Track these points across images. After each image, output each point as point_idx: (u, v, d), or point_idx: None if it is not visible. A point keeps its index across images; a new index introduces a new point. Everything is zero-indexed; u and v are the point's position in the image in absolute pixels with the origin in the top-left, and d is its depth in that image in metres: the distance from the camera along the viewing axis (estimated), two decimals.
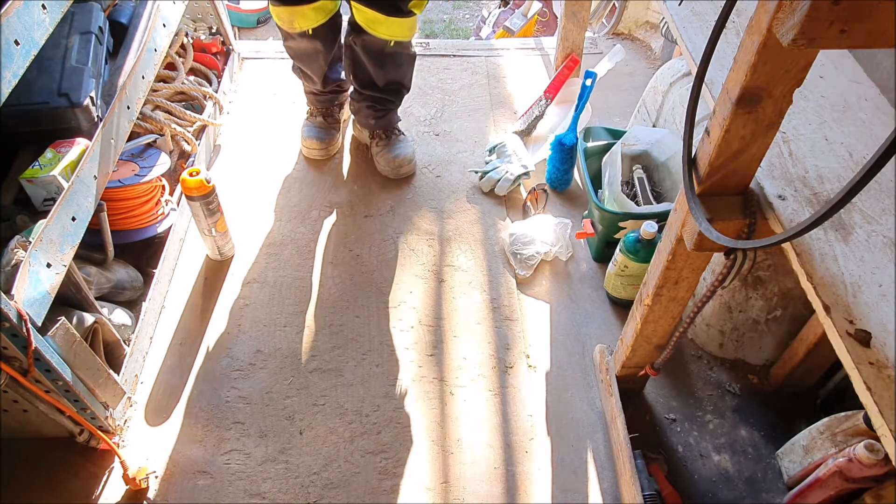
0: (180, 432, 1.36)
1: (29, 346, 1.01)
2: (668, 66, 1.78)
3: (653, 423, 1.39)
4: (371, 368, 1.47)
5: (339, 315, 1.58)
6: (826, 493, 1.10)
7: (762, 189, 0.87)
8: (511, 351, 1.51)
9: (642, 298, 1.17)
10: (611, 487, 1.30)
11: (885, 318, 0.71)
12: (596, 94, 1.89)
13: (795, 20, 0.59)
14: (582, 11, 2.01)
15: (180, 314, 1.57)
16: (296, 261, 1.70)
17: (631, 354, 1.28)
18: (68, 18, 1.40)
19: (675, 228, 0.98)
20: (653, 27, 2.57)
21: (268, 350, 1.50)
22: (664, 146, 1.68)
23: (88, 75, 1.32)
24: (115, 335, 1.33)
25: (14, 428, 1.26)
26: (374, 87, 1.79)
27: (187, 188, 1.47)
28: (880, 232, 0.81)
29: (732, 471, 1.32)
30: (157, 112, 1.74)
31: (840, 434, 1.16)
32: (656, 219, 1.56)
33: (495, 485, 1.29)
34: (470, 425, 1.38)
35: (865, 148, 0.93)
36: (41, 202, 1.25)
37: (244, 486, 1.28)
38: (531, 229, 1.70)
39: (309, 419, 1.38)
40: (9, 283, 0.99)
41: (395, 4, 1.56)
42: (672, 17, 1.16)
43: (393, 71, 1.75)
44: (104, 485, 1.27)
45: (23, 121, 1.27)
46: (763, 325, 1.40)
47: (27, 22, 1.02)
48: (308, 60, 1.79)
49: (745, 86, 0.73)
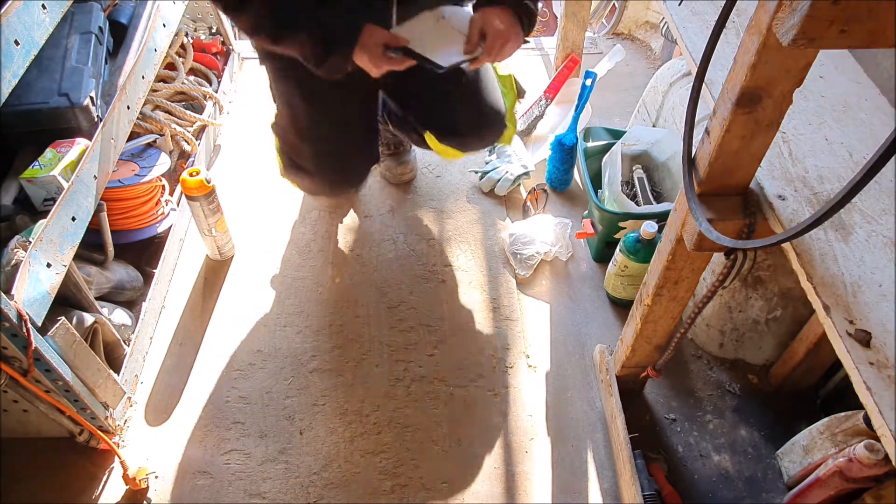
0: (180, 432, 1.36)
1: (29, 346, 1.01)
2: (668, 66, 1.78)
3: (653, 423, 1.39)
4: (371, 368, 1.47)
5: (339, 315, 1.58)
6: (826, 493, 1.10)
7: (762, 189, 0.87)
8: (511, 351, 1.51)
9: (642, 298, 1.17)
10: (611, 487, 1.30)
11: (885, 318, 0.71)
12: (596, 94, 1.89)
13: (795, 20, 0.59)
14: (582, 11, 2.01)
15: (180, 314, 1.57)
16: (296, 261, 1.70)
17: (631, 354, 1.28)
18: (68, 18, 1.40)
19: (675, 228, 0.98)
20: (653, 27, 2.57)
21: (268, 350, 1.50)
22: (664, 146, 1.68)
23: (88, 75, 1.32)
24: (115, 335, 1.33)
25: (14, 428, 1.26)
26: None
27: (187, 188, 1.47)
28: (880, 232, 0.81)
29: (732, 471, 1.32)
30: (157, 112, 1.74)
31: (840, 434, 1.16)
32: (656, 219, 1.56)
33: (495, 485, 1.29)
34: (470, 425, 1.38)
35: (865, 148, 0.93)
36: (41, 202, 1.25)
37: (244, 486, 1.28)
38: (531, 229, 1.70)
39: (309, 419, 1.38)
40: (9, 283, 0.99)
41: (486, 143, 1.52)
42: (672, 17, 1.16)
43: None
44: (104, 485, 1.27)
45: (23, 121, 1.27)
46: (763, 325, 1.40)
47: (27, 22, 1.02)
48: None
49: (745, 86, 0.73)
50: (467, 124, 1.45)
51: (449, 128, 1.47)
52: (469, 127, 1.46)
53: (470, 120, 1.45)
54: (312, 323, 1.56)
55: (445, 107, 1.43)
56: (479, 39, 1.21)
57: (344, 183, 1.58)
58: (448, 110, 1.43)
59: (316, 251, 1.72)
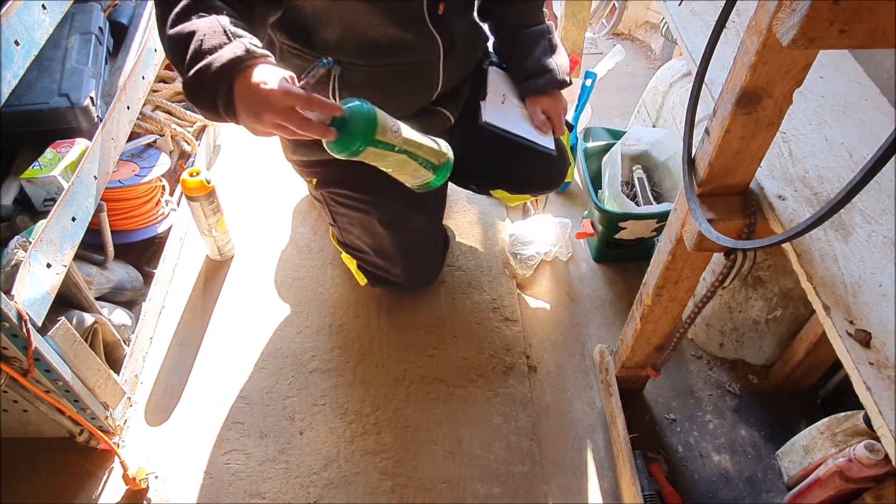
0: (180, 432, 1.36)
1: (29, 347, 1.01)
2: (668, 66, 1.78)
3: (653, 423, 1.39)
4: (371, 368, 1.47)
5: (339, 315, 1.58)
6: (826, 493, 1.10)
7: (762, 189, 0.87)
8: (511, 351, 1.51)
9: (642, 298, 1.17)
10: (611, 487, 1.30)
11: (885, 318, 0.71)
12: (596, 94, 1.89)
13: (795, 20, 0.59)
14: (582, 11, 2.01)
15: (180, 314, 1.57)
16: (296, 261, 1.70)
17: (631, 354, 1.28)
18: (68, 19, 1.40)
19: (675, 228, 0.98)
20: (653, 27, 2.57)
21: (268, 350, 1.50)
22: (664, 146, 1.68)
23: (88, 75, 1.32)
24: (115, 335, 1.33)
25: (14, 428, 1.26)
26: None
27: (187, 188, 1.47)
28: (880, 232, 0.81)
29: (732, 471, 1.32)
30: (157, 112, 1.74)
31: (840, 434, 1.16)
32: (656, 219, 1.56)
33: (495, 485, 1.29)
34: (470, 425, 1.38)
35: (865, 148, 0.93)
36: (41, 202, 1.25)
37: (244, 486, 1.28)
38: (531, 229, 1.70)
39: (309, 419, 1.38)
40: (9, 283, 0.99)
41: (557, 186, 1.55)
42: (672, 17, 1.16)
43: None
44: (104, 485, 1.27)
45: (23, 121, 1.27)
46: (763, 325, 1.40)
47: (27, 22, 1.02)
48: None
49: (745, 86, 0.73)
50: (542, 179, 1.50)
51: (524, 184, 1.51)
52: (544, 181, 1.51)
53: (544, 175, 1.49)
54: (312, 323, 1.56)
55: (520, 170, 1.47)
56: (546, 119, 1.39)
57: (432, 281, 1.61)
58: (523, 172, 1.47)
59: (316, 251, 1.72)
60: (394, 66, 1.17)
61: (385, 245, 1.38)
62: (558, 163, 1.45)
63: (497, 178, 1.51)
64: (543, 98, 1.39)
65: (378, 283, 1.51)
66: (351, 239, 1.44)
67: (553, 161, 1.42)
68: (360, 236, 1.41)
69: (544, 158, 1.40)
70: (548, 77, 1.36)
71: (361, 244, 1.43)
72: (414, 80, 1.23)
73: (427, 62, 1.22)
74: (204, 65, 0.78)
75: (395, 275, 1.45)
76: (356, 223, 1.38)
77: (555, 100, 1.39)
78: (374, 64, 1.15)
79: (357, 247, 1.45)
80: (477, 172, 1.52)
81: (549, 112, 1.39)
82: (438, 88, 1.28)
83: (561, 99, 1.41)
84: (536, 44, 1.36)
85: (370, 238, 1.39)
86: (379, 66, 1.16)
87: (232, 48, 0.78)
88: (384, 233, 1.34)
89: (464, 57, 1.32)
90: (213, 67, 0.77)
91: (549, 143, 1.39)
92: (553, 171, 1.48)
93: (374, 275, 1.49)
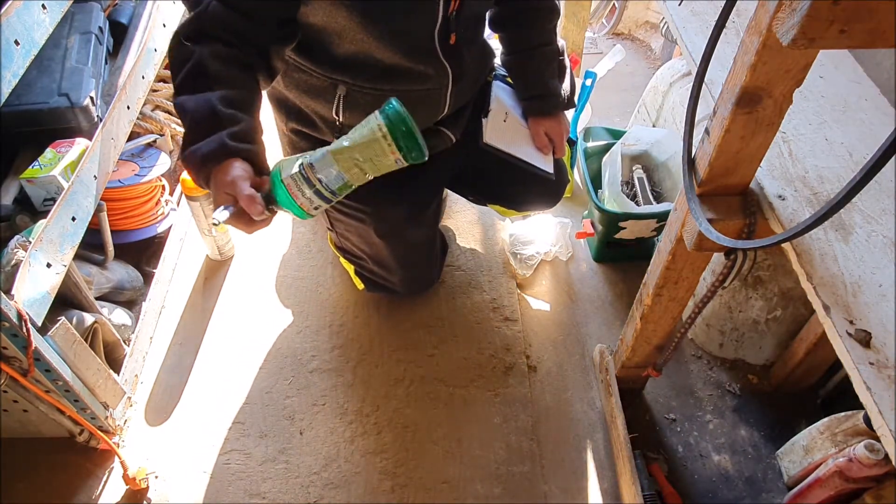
0: (180, 432, 1.36)
1: (29, 346, 1.01)
2: (668, 66, 1.78)
3: (653, 423, 1.39)
4: (371, 368, 1.47)
5: (339, 315, 1.58)
6: (826, 493, 1.10)
7: (762, 189, 0.87)
8: (511, 351, 1.51)
9: (642, 298, 1.17)
10: (611, 487, 1.30)
11: (885, 318, 0.71)
12: (596, 94, 1.89)
13: (795, 20, 0.59)
14: (582, 11, 2.01)
15: (180, 314, 1.57)
16: (296, 261, 1.70)
17: (631, 354, 1.28)
18: (68, 18, 1.40)
19: (675, 228, 0.98)
20: (653, 27, 2.57)
21: (268, 350, 1.50)
22: (664, 146, 1.68)
23: (88, 75, 1.32)
24: (115, 335, 1.33)
25: (14, 428, 1.26)
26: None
27: (187, 188, 1.47)
28: (880, 232, 0.81)
29: (732, 471, 1.32)
30: (157, 112, 1.74)
31: (840, 434, 1.16)
32: (656, 219, 1.56)
33: (495, 485, 1.29)
34: (470, 425, 1.38)
35: (865, 148, 0.93)
36: (41, 202, 1.25)
37: (244, 486, 1.28)
38: (531, 229, 1.70)
39: (309, 419, 1.38)
40: (9, 283, 0.99)
41: (554, 203, 1.55)
42: (672, 17, 1.16)
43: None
44: (104, 485, 1.27)
45: (23, 121, 1.27)
46: (763, 325, 1.40)
47: (27, 22, 1.02)
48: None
49: (745, 86, 0.73)
50: (538, 200, 1.53)
51: (520, 203, 1.55)
52: (540, 201, 1.54)
53: (541, 196, 1.51)
54: (312, 323, 1.56)
55: (517, 190, 1.48)
56: (548, 140, 1.40)
57: (431, 287, 1.61)
58: (520, 192, 1.49)
59: (316, 251, 1.72)
60: (401, 91, 1.14)
61: (382, 255, 1.38)
62: (555, 185, 1.46)
63: (494, 195, 1.53)
64: (547, 120, 1.39)
65: (375, 289, 1.52)
66: (349, 245, 1.44)
67: (550, 184, 1.43)
68: (358, 244, 1.41)
69: (542, 182, 1.41)
70: (554, 100, 1.37)
71: (359, 251, 1.43)
72: (420, 105, 1.20)
73: (435, 89, 1.21)
74: (189, 152, 0.89)
75: (392, 282, 1.46)
76: (353, 231, 1.37)
77: (558, 121, 1.40)
78: (382, 88, 1.15)
79: (355, 253, 1.45)
80: (474, 189, 1.55)
81: (551, 133, 1.39)
82: (444, 112, 1.27)
83: (564, 120, 1.42)
84: (548, 65, 1.36)
85: (367, 247, 1.39)
86: (387, 90, 1.15)
87: (210, 143, 0.87)
88: (381, 243, 1.34)
89: (472, 82, 1.31)
90: (198, 155, 0.88)
91: (549, 165, 1.39)
92: (550, 193, 1.49)
93: (371, 281, 1.49)
